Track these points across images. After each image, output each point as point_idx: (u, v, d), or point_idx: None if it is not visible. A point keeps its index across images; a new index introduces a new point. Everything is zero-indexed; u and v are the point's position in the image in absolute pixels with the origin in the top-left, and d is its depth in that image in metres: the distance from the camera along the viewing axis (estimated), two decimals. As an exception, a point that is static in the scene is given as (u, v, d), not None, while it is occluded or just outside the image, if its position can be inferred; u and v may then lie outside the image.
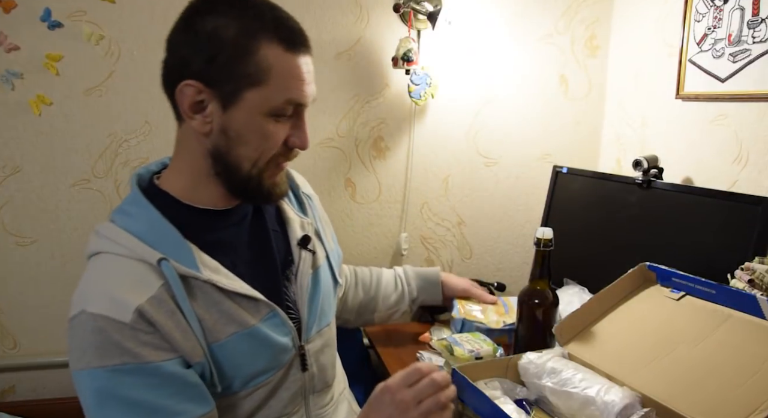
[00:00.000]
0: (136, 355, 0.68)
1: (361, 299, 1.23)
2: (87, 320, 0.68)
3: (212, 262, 0.77)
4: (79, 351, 0.68)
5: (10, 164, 1.41)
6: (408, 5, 1.49)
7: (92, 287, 0.72)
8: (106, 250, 0.74)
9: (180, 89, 0.73)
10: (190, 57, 0.72)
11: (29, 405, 1.46)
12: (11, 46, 1.35)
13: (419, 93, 1.52)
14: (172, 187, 0.80)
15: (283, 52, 0.72)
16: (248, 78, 0.71)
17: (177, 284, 0.71)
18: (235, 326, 0.76)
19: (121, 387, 0.67)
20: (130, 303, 0.68)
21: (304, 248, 0.90)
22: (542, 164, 1.72)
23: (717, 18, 1.26)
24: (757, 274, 0.94)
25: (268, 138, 0.76)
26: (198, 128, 0.75)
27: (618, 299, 1.00)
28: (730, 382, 0.74)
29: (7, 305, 1.46)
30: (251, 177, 0.77)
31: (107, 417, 0.68)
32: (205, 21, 0.72)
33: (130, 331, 0.68)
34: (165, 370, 0.69)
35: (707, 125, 1.33)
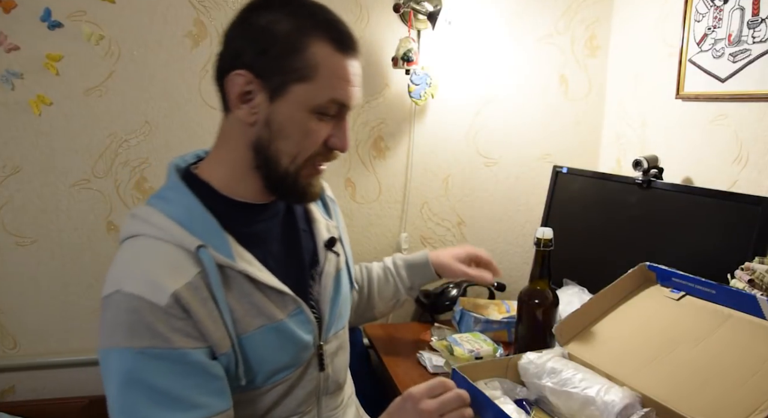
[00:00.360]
0: (166, 339, 0.68)
1: (356, 299, 1.20)
2: (122, 300, 0.69)
3: (246, 254, 0.78)
4: (110, 330, 0.69)
5: (10, 164, 1.41)
6: (408, 5, 1.49)
7: (129, 268, 0.72)
8: (144, 233, 0.74)
9: (230, 78, 0.75)
10: (242, 48, 0.74)
11: (29, 405, 1.46)
12: (11, 46, 1.35)
13: (419, 93, 1.53)
14: (211, 178, 0.81)
15: (332, 51, 0.74)
16: (296, 72, 0.73)
17: (214, 272, 0.72)
18: (264, 319, 0.77)
19: (146, 371, 0.67)
20: (167, 287, 0.69)
21: (330, 250, 0.91)
22: (542, 164, 1.72)
23: (717, 18, 1.27)
24: (757, 274, 0.94)
25: (309, 135, 0.76)
26: (244, 118, 0.76)
27: (618, 299, 1.00)
28: (730, 382, 0.74)
29: (7, 305, 1.46)
30: (288, 174, 0.78)
31: (129, 400, 0.68)
32: (261, 16, 0.74)
33: (164, 315, 0.68)
34: (192, 358, 0.70)
35: (707, 125, 1.33)
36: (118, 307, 0.69)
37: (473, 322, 1.38)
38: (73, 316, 1.50)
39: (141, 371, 0.67)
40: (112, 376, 0.69)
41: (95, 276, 1.50)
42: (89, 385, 1.53)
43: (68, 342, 1.51)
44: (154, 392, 0.67)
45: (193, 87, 1.48)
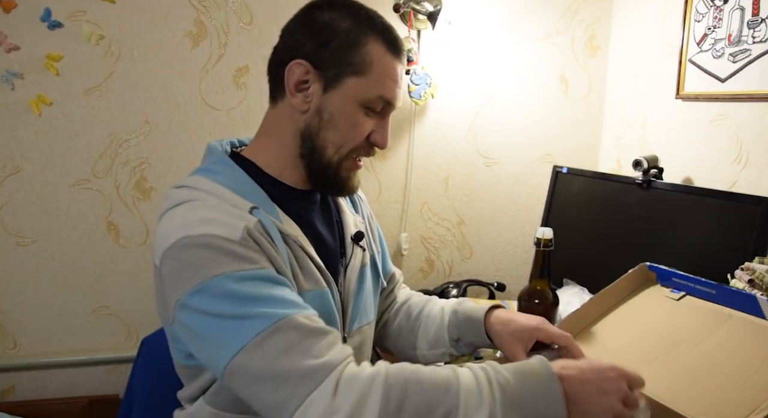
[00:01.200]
0: (252, 261, 0.69)
1: (401, 323, 1.05)
2: (192, 241, 0.68)
3: (294, 224, 0.81)
4: (190, 270, 0.67)
5: (10, 164, 1.41)
6: (408, 5, 1.49)
7: (189, 219, 0.71)
8: (195, 198, 0.75)
9: (290, 67, 0.78)
10: (304, 40, 0.79)
11: (29, 405, 1.46)
12: (11, 46, 1.35)
13: (419, 93, 1.53)
14: (256, 159, 0.84)
15: (385, 52, 0.80)
16: (352, 66, 0.78)
17: (271, 225, 0.74)
18: (313, 283, 0.79)
19: (245, 288, 0.66)
20: (237, 224, 0.70)
21: (357, 244, 0.93)
22: (542, 164, 1.72)
23: (717, 18, 1.27)
24: (757, 274, 0.94)
25: (355, 127, 0.80)
26: (298, 106, 0.80)
27: (618, 299, 1.00)
28: (730, 382, 0.74)
29: (7, 305, 1.46)
30: (331, 164, 0.81)
31: (244, 312, 0.65)
32: (324, 13, 0.80)
33: (241, 246, 0.69)
34: (279, 277, 0.71)
35: (707, 125, 1.33)
36: (191, 247, 0.68)
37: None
38: (73, 316, 1.50)
39: (242, 289, 0.66)
40: (215, 305, 0.66)
41: (95, 276, 1.50)
42: (89, 385, 1.53)
43: (68, 342, 1.51)
44: (265, 299, 0.66)
45: (193, 87, 1.48)
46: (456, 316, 0.96)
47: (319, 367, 0.62)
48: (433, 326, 0.99)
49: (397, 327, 1.05)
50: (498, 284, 1.66)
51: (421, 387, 0.63)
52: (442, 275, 1.74)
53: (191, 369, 0.79)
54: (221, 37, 1.47)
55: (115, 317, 1.53)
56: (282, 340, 0.63)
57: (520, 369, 0.66)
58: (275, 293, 0.68)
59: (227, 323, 0.65)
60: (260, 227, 0.73)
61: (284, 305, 0.67)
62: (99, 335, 1.52)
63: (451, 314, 0.97)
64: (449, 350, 0.97)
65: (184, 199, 0.74)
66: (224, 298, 0.66)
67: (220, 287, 0.66)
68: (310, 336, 0.65)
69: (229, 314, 0.65)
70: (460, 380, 0.64)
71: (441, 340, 0.97)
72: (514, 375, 0.65)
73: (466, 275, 1.73)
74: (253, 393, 0.64)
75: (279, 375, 0.62)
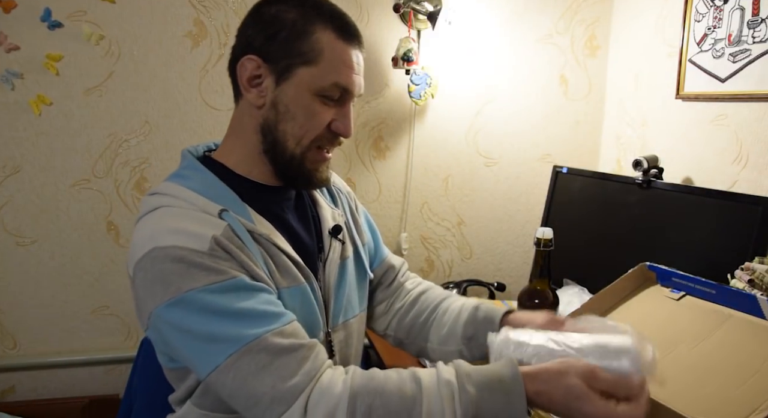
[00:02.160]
0: (221, 272, 0.69)
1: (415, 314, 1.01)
2: (162, 254, 0.69)
3: (266, 223, 0.81)
4: (162, 285, 0.68)
5: (10, 164, 1.41)
6: (408, 5, 1.49)
7: (158, 229, 0.72)
8: (166, 204, 0.76)
9: (241, 63, 0.79)
10: (253, 35, 0.79)
11: (29, 405, 1.46)
12: (11, 46, 1.35)
13: (419, 93, 1.53)
14: (226, 161, 0.84)
15: (336, 38, 0.79)
16: (302, 56, 0.77)
17: (240, 228, 0.75)
18: (291, 280, 0.79)
19: (218, 302, 0.67)
20: (204, 234, 0.70)
21: (335, 237, 0.92)
22: (542, 164, 1.72)
23: (717, 18, 1.27)
24: (757, 274, 0.94)
25: (313, 117, 0.80)
26: (253, 101, 0.80)
27: (618, 299, 0.99)
28: (730, 382, 0.74)
29: (7, 305, 1.46)
30: (294, 157, 0.81)
31: (216, 331, 0.66)
32: (271, 7, 0.80)
33: (210, 257, 0.69)
34: (252, 283, 0.71)
35: (707, 125, 1.33)
36: (162, 261, 0.68)
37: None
38: (73, 316, 1.50)
39: (215, 303, 0.67)
40: (188, 321, 0.67)
41: (95, 276, 1.50)
42: (89, 385, 1.53)
43: (68, 342, 1.51)
44: (238, 314, 0.67)
45: (193, 87, 1.48)
46: (476, 312, 0.92)
47: (288, 390, 0.65)
48: (449, 322, 0.95)
49: (411, 318, 1.01)
50: (498, 284, 1.66)
51: (386, 410, 0.64)
52: (442, 275, 1.74)
53: (177, 371, 0.80)
54: (221, 37, 1.47)
55: (115, 317, 1.53)
56: (252, 362, 0.66)
57: (487, 382, 0.67)
58: (247, 306, 0.68)
59: (199, 342, 0.68)
60: (229, 231, 0.73)
61: (256, 321, 0.68)
62: (99, 335, 1.52)
63: (471, 310, 0.94)
64: (460, 348, 0.92)
65: (156, 206, 0.76)
66: (196, 313, 0.67)
67: (191, 302, 0.67)
68: (279, 356, 0.66)
69: (201, 333, 0.67)
70: (423, 401, 0.65)
71: (454, 336, 0.93)
72: (480, 390, 0.66)
73: (466, 275, 1.73)
74: (231, 403, 0.69)
75: (251, 397, 0.66)
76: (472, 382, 0.66)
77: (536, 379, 0.67)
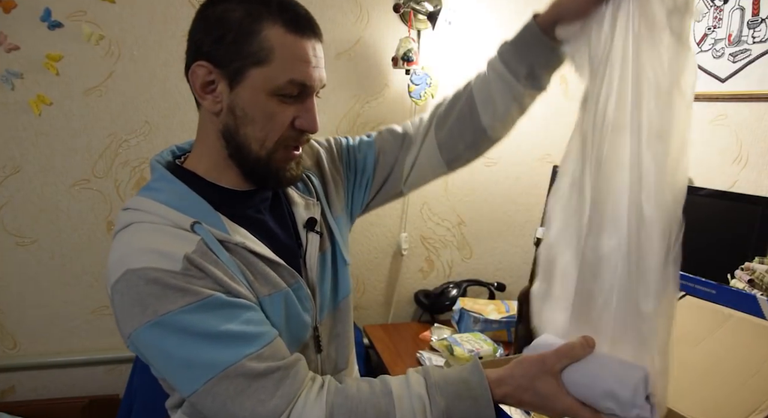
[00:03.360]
0: (196, 293, 0.68)
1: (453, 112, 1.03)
2: (135, 277, 0.68)
3: (241, 229, 0.79)
4: (139, 307, 0.68)
5: (10, 164, 1.41)
6: (408, 5, 1.49)
7: (130, 249, 0.71)
8: (137, 220, 0.75)
9: (192, 70, 0.76)
10: (201, 40, 0.76)
11: (29, 405, 1.46)
12: (11, 46, 1.35)
13: (419, 93, 1.52)
14: (197, 168, 0.83)
15: (286, 33, 0.75)
16: (252, 57, 0.74)
17: (213, 241, 0.73)
18: (271, 287, 0.78)
19: (195, 324, 0.67)
20: (176, 253, 0.69)
21: (311, 230, 0.91)
22: (542, 164, 1.72)
23: (717, 18, 1.27)
24: (757, 274, 0.94)
25: (272, 117, 0.77)
26: (209, 108, 0.78)
27: (618, 299, 0.99)
28: (730, 382, 0.74)
29: (7, 305, 1.46)
30: (260, 159, 0.79)
31: (193, 356, 0.67)
32: (216, 7, 0.76)
33: (183, 277, 0.68)
34: (229, 300, 0.71)
35: (707, 125, 1.33)
36: (136, 283, 0.68)
37: (472, 321, 1.39)
38: (73, 316, 1.50)
39: (192, 326, 0.67)
40: (166, 345, 0.68)
41: (95, 276, 1.50)
42: (89, 385, 1.53)
43: (68, 342, 1.51)
44: (215, 338, 0.68)
45: (193, 87, 1.48)
46: (513, 51, 0.95)
47: (267, 414, 0.66)
48: (489, 88, 0.98)
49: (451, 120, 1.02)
50: (498, 284, 1.66)
51: None
52: (442, 275, 1.74)
53: (166, 382, 0.80)
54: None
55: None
56: (231, 387, 0.67)
57: (456, 390, 0.70)
58: (225, 328, 0.68)
59: (178, 366, 0.68)
60: (203, 245, 0.72)
61: (234, 344, 0.68)
62: (99, 335, 1.52)
63: (504, 55, 0.96)
64: (522, 92, 0.95)
65: (128, 222, 0.75)
66: (174, 337, 0.67)
67: (168, 325, 0.67)
68: (257, 380, 0.67)
69: (179, 358, 0.68)
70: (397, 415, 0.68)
71: (511, 89, 0.95)
72: (450, 399, 0.68)
73: (466, 275, 1.73)
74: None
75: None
76: (441, 392, 0.69)
77: (502, 383, 0.70)
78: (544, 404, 0.68)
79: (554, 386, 0.67)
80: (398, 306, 1.71)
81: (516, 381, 0.69)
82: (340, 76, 1.55)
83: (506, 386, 0.69)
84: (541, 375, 0.68)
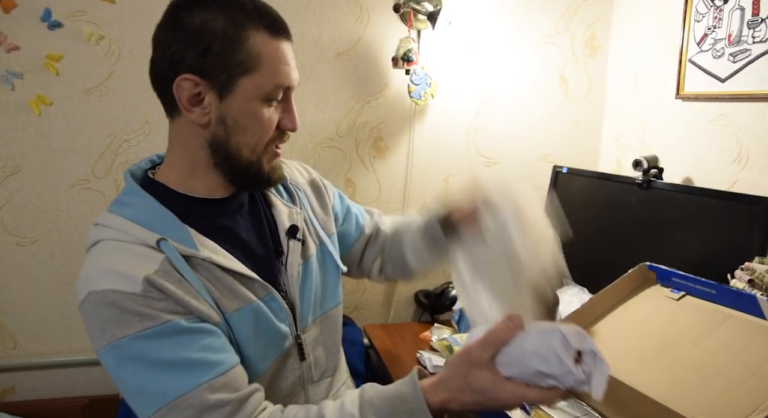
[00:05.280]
0: (155, 317, 0.68)
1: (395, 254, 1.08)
2: (97, 299, 0.69)
3: (210, 243, 0.79)
4: (99, 330, 0.69)
5: (10, 164, 1.41)
6: (408, 5, 1.49)
7: (94, 270, 0.72)
8: (105, 237, 0.75)
9: (177, 84, 0.75)
10: (182, 52, 0.74)
11: (29, 405, 1.46)
12: (11, 46, 1.35)
13: (419, 93, 1.53)
14: (167, 180, 0.82)
15: (269, 38, 0.76)
16: (241, 66, 0.74)
17: (178, 258, 0.73)
18: (240, 301, 0.78)
19: (152, 351, 0.68)
20: (136, 275, 0.70)
21: (293, 238, 0.90)
22: (542, 164, 1.72)
23: (717, 18, 1.27)
24: (757, 274, 0.94)
25: (263, 123, 0.78)
26: (197, 120, 0.77)
27: (618, 299, 1.00)
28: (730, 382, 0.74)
29: (7, 305, 1.46)
30: (251, 163, 0.80)
31: (149, 383, 0.68)
32: (192, 16, 0.74)
33: (143, 299, 0.69)
34: (188, 324, 0.70)
35: (707, 125, 1.33)
36: (98, 306, 0.69)
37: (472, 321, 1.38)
38: (73, 316, 1.50)
39: (147, 353, 0.68)
40: (121, 369, 0.69)
41: (95, 276, 1.50)
42: (89, 385, 1.53)
43: (68, 342, 1.51)
44: (169, 366, 0.68)
45: (193, 87, 1.48)
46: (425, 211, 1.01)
47: None
48: (409, 236, 1.03)
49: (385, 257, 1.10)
50: (498, 284, 1.66)
51: None
52: (442, 274, 1.74)
53: None
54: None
55: (115, 317, 1.53)
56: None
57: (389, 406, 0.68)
58: (180, 357, 0.68)
59: (131, 392, 0.69)
60: (167, 264, 0.72)
61: (187, 374, 0.68)
62: (99, 335, 1.52)
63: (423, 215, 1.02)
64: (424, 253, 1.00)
65: (95, 240, 0.76)
66: (129, 362, 0.68)
67: (124, 350, 0.68)
68: (206, 413, 0.67)
69: (132, 384, 0.69)
70: None
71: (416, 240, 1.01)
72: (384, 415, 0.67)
73: (466, 275, 1.73)
74: None
75: None
76: (374, 410, 0.68)
77: (438, 388, 0.67)
78: (486, 398, 0.65)
79: (488, 377, 0.64)
80: (398, 306, 1.71)
81: (449, 384, 0.67)
82: (340, 76, 1.55)
83: (442, 392, 0.67)
84: (472, 370, 0.65)
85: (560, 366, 0.60)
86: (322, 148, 1.58)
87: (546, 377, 0.61)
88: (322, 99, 1.54)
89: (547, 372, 0.61)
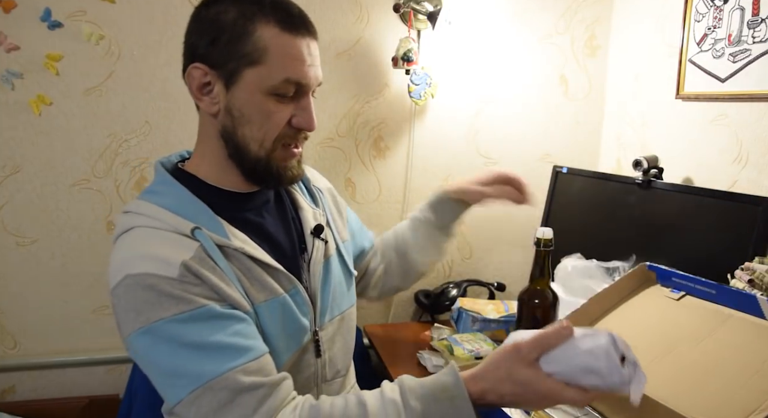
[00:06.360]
0: (190, 301, 0.69)
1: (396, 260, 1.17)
2: (134, 282, 0.70)
3: (240, 234, 0.80)
4: (134, 312, 0.69)
5: (10, 164, 1.41)
6: (408, 5, 1.49)
7: (131, 254, 0.72)
8: (139, 224, 0.76)
9: (188, 72, 0.78)
10: (196, 42, 0.77)
11: (29, 405, 1.46)
12: (11, 46, 1.35)
13: (419, 93, 1.53)
14: (197, 171, 0.84)
15: (280, 32, 0.76)
16: (246, 57, 0.75)
17: (212, 247, 0.74)
18: (268, 293, 0.79)
19: (186, 334, 0.68)
20: (174, 260, 0.71)
21: (317, 237, 0.92)
22: (542, 164, 1.72)
23: (717, 18, 1.27)
24: (757, 274, 0.94)
25: (269, 117, 0.78)
26: (207, 109, 0.79)
27: (618, 299, 1.00)
28: (730, 382, 0.74)
29: (7, 305, 1.46)
30: (260, 159, 0.80)
31: (181, 365, 0.68)
32: (210, 9, 0.77)
33: (180, 284, 0.70)
34: (222, 310, 0.72)
35: (707, 125, 1.33)
36: (134, 289, 0.69)
37: (471, 321, 1.39)
38: (73, 316, 1.50)
39: (183, 335, 0.68)
40: (156, 351, 0.69)
41: (95, 276, 1.50)
42: (89, 385, 1.53)
43: (68, 342, 1.51)
44: (204, 348, 0.68)
45: (193, 87, 1.48)
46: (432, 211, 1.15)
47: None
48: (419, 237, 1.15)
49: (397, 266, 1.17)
50: (498, 284, 1.66)
51: None
52: (442, 275, 1.74)
53: None
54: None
55: (115, 317, 1.53)
56: (214, 399, 0.67)
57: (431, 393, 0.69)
58: (214, 340, 0.69)
59: (165, 374, 0.70)
60: (202, 251, 0.73)
61: (221, 356, 0.69)
62: (99, 335, 1.52)
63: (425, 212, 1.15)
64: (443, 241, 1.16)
65: (128, 227, 0.76)
66: (164, 344, 0.68)
67: (160, 332, 0.68)
68: (240, 394, 0.68)
69: (167, 366, 0.69)
70: None
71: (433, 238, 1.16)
72: (425, 403, 0.68)
73: (466, 275, 1.73)
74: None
75: None
76: (415, 396, 0.69)
77: (479, 379, 0.68)
78: (526, 391, 0.66)
79: (531, 372, 0.66)
80: (398, 306, 1.71)
81: (492, 374, 0.68)
82: (340, 76, 1.55)
83: (483, 382, 0.68)
84: (517, 364, 0.67)
85: (608, 362, 0.62)
86: (322, 148, 1.58)
87: (590, 373, 0.63)
88: (322, 99, 1.54)
89: (595, 367, 0.63)
